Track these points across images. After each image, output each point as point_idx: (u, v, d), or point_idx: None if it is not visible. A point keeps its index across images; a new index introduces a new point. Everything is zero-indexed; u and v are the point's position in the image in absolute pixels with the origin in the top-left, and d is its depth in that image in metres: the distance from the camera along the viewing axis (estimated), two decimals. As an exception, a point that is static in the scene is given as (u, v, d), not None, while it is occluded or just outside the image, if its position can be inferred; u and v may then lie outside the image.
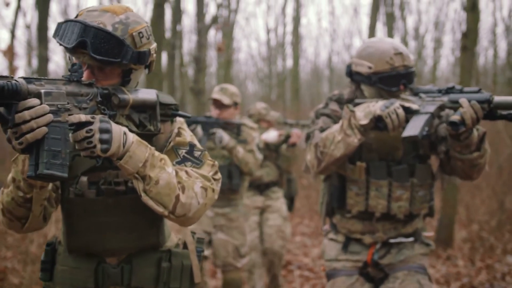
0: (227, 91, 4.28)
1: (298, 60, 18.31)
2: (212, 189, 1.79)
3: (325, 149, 2.59)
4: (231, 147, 4.11)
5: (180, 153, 1.85)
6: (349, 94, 2.80)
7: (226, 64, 15.81)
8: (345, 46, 21.55)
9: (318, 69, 23.61)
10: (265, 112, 5.36)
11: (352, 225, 2.79)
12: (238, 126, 4.26)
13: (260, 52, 23.09)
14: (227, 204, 4.32)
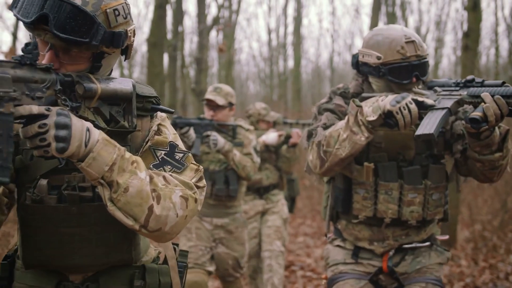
0: (221, 91, 4.03)
1: (300, 60, 18.33)
2: (194, 199, 1.52)
3: (329, 148, 2.35)
4: (226, 151, 3.87)
5: (159, 155, 1.58)
6: (355, 88, 2.57)
7: (227, 64, 15.82)
8: (346, 46, 21.59)
9: (320, 70, 23.63)
10: (265, 112, 5.14)
11: (359, 232, 2.56)
12: (233, 128, 4.06)
13: (262, 53, 23.12)
14: (225, 214, 4.08)
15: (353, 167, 2.48)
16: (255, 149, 4.06)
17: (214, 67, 20.37)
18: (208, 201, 3.96)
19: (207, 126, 3.93)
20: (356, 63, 2.58)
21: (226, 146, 3.86)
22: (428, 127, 2.22)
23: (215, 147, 3.81)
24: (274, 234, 4.91)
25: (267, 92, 21.67)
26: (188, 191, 1.51)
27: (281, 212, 5.01)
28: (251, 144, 4.06)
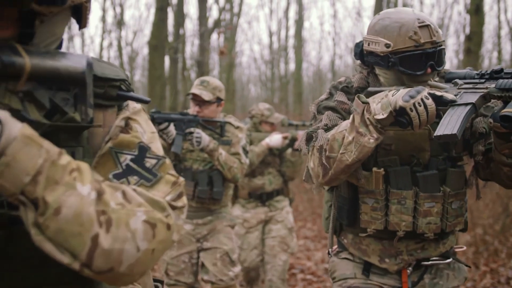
0: (208, 85, 3.68)
1: (301, 63, 18.33)
2: (166, 225, 1.07)
3: (332, 154, 2.01)
4: (211, 149, 3.54)
5: (122, 161, 1.13)
6: (359, 81, 2.23)
7: (228, 67, 15.82)
8: (348, 49, 21.58)
9: (321, 73, 23.64)
10: (269, 113, 4.77)
11: (367, 246, 2.25)
12: (221, 125, 3.70)
13: (263, 56, 23.15)
14: (208, 214, 3.77)
15: (360, 174, 2.14)
16: (244, 149, 3.75)
17: (215, 70, 20.39)
18: (191, 203, 3.70)
19: (191, 122, 3.59)
20: (360, 52, 2.24)
21: (210, 145, 3.54)
22: (450, 127, 1.86)
23: (199, 145, 3.50)
24: (278, 246, 4.67)
25: (268, 95, 21.67)
26: (157, 214, 1.06)
27: (286, 221, 4.74)
28: (240, 143, 3.74)
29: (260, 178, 4.66)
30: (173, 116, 3.56)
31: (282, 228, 4.68)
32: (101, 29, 20.98)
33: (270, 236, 4.67)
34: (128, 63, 21.48)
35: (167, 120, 3.51)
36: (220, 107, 3.77)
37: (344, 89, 2.22)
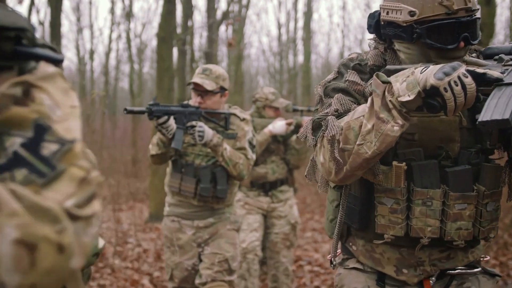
0: (211, 73, 3.37)
1: (310, 55, 18.26)
2: (58, 245, 0.73)
3: (347, 145, 1.65)
4: (215, 144, 3.26)
5: (8, 145, 0.78)
6: (375, 58, 1.87)
7: (237, 59, 15.80)
8: (357, 41, 21.49)
9: (330, 65, 23.54)
10: (273, 97, 4.49)
11: (381, 254, 1.89)
12: (225, 117, 3.43)
13: (271, 47, 23.09)
14: (210, 214, 3.50)
15: (377, 169, 1.77)
16: (250, 143, 3.47)
17: (223, 61, 20.37)
18: (192, 201, 3.45)
19: (192, 115, 3.31)
20: (375, 24, 1.87)
21: (214, 139, 3.26)
22: (499, 111, 1.50)
23: (201, 140, 3.22)
24: (281, 242, 4.52)
25: (276, 87, 21.63)
26: (42, 229, 0.72)
27: (289, 216, 4.55)
28: (246, 136, 3.46)
29: (262, 166, 4.43)
30: (173, 109, 3.24)
31: (285, 224, 4.50)
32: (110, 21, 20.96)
33: (273, 232, 4.51)
34: (137, 55, 21.50)
35: (167, 113, 3.19)
36: (224, 97, 3.47)
37: (356, 68, 1.87)
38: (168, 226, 3.56)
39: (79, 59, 22.23)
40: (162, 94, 8.44)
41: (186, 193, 3.41)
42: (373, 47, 1.94)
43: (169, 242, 3.55)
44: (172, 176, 3.48)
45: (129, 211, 9.77)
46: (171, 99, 8.59)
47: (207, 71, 3.39)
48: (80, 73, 22.21)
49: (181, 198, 3.49)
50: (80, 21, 22.32)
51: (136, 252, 6.56)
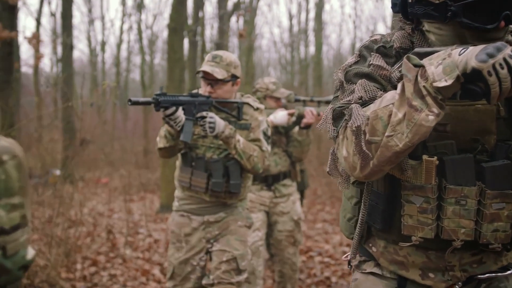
0: (221, 60, 3.15)
1: (321, 46, 18.21)
2: None
3: (375, 137, 1.45)
4: (227, 136, 3.06)
5: None
6: (401, 40, 1.67)
7: (248, 50, 15.79)
8: (368, 32, 21.38)
9: (341, 56, 23.47)
10: (274, 87, 4.30)
11: (405, 257, 1.70)
12: (238, 107, 3.22)
13: (283, 39, 23.05)
14: (222, 209, 3.30)
15: (405, 163, 1.57)
16: (265, 134, 3.25)
17: (234, 53, 20.36)
18: (203, 196, 3.24)
19: (202, 105, 3.11)
20: (401, 2, 1.66)
21: (226, 131, 3.06)
22: None
23: (212, 132, 3.03)
24: (285, 240, 4.32)
25: (288, 78, 21.63)
26: None
27: (292, 212, 4.33)
28: (260, 127, 3.25)
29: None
30: (182, 99, 3.02)
31: (288, 220, 4.30)
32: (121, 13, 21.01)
33: (276, 229, 4.32)
34: (148, 46, 21.54)
35: (175, 104, 2.97)
36: (236, 86, 3.25)
37: (380, 50, 1.66)
38: (176, 221, 3.35)
39: (91, 51, 22.32)
40: (173, 85, 8.46)
41: (197, 188, 3.19)
42: (398, 27, 1.73)
43: (175, 238, 3.33)
44: (182, 170, 3.26)
45: (140, 201, 9.84)
46: (182, 90, 8.62)
47: (217, 58, 3.16)
48: (91, 64, 22.32)
49: (191, 193, 3.27)
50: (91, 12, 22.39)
51: (147, 242, 6.61)
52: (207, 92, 3.16)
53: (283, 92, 4.35)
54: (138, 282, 5.04)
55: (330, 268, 5.52)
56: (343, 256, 1.93)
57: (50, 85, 12.90)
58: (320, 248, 6.37)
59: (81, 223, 5.68)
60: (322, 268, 5.52)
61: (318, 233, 7.39)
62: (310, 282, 5.01)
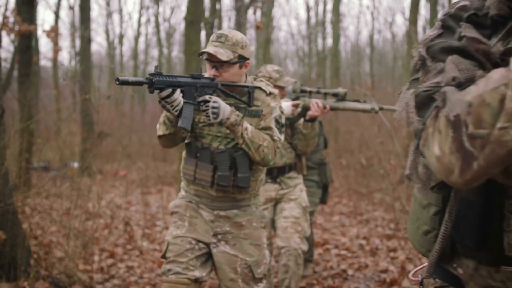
0: (227, 40, 2.79)
1: (339, 38, 18.08)
2: None
3: (480, 130, 1.05)
4: (232, 123, 2.73)
5: None
6: (498, 6, 1.28)
7: (265, 43, 15.74)
8: (387, 24, 21.18)
9: (359, 48, 23.30)
10: (277, 75, 3.98)
11: (504, 283, 1.33)
12: (249, 92, 2.87)
13: (300, 31, 22.94)
14: (233, 206, 2.98)
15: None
16: (277, 122, 2.90)
17: (252, 45, 20.33)
18: (210, 191, 2.93)
19: (206, 88, 2.78)
20: None
21: (232, 117, 2.74)
22: None
23: (216, 118, 2.70)
24: (291, 227, 3.99)
25: (305, 70, 21.54)
26: None
27: (300, 199, 4.09)
28: (272, 113, 2.90)
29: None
30: (181, 80, 2.68)
31: (296, 207, 4.04)
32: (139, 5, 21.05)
33: (282, 216, 4.02)
34: (166, 39, 21.60)
35: (172, 86, 2.63)
36: (245, 68, 2.88)
37: (472, 19, 1.31)
38: (183, 203, 3.01)
39: (109, 44, 22.42)
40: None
41: (202, 181, 2.89)
42: None
43: (178, 216, 2.98)
44: (186, 161, 2.97)
45: (158, 194, 9.89)
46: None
47: (222, 37, 2.79)
48: (109, 57, 22.42)
49: (197, 187, 2.97)
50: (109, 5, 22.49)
51: (164, 235, 6.64)
52: (212, 75, 2.81)
53: (287, 81, 4.03)
54: (154, 274, 5.07)
55: (346, 261, 5.49)
56: (410, 274, 1.58)
57: (68, 78, 12.98)
58: (336, 241, 6.35)
59: (98, 215, 5.72)
60: (339, 261, 5.50)
61: (335, 225, 7.37)
62: (327, 275, 4.99)
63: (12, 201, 4.06)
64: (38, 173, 7.64)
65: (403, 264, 5.19)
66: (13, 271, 4.01)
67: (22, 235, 4.11)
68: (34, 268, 4.14)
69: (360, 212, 8.30)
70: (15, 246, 4.03)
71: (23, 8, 8.16)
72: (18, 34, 7.88)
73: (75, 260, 4.64)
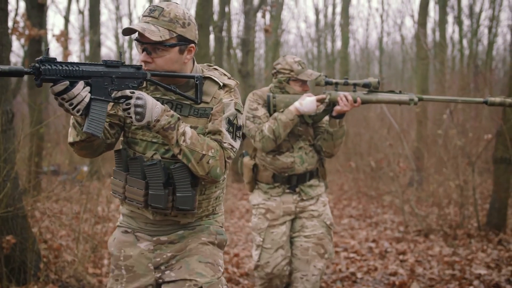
0: (161, 15, 2.11)
1: (348, 41, 18.05)
2: None
3: None
4: (164, 127, 2.05)
5: None
6: None
7: (274, 46, 15.75)
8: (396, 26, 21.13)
9: (368, 50, 23.24)
10: (300, 68, 3.46)
11: None
12: (197, 83, 2.17)
13: (309, 34, 22.93)
14: (178, 228, 2.30)
15: None
16: (230, 124, 2.20)
17: (261, 48, 20.35)
18: (146, 213, 2.27)
19: (128, 80, 2.05)
20: None
21: (163, 119, 2.04)
22: None
23: (141, 120, 2.00)
24: (314, 249, 3.46)
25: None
26: None
27: (324, 215, 3.53)
28: (225, 111, 2.20)
29: (288, 155, 3.47)
30: (85, 69, 1.94)
31: (319, 225, 3.49)
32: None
33: (303, 235, 3.48)
34: (175, 42, 21.66)
35: (70, 77, 1.90)
36: (188, 54, 2.18)
37: None
38: (118, 240, 2.38)
39: (118, 48, 22.54)
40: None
41: (133, 201, 2.24)
42: None
43: (114, 263, 2.35)
44: (115, 174, 2.33)
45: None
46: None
47: (156, 11, 2.12)
48: (119, 61, 22.52)
49: (131, 208, 2.34)
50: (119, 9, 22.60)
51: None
52: (142, 62, 2.14)
53: (311, 74, 3.47)
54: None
55: (355, 264, 5.47)
56: None
57: (79, 82, 13.05)
58: (346, 244, 6.33)
59: (108, 219, 5.74)
60: (348, 264, 5.48)
61: (344, 228, 7.35)
62: (336, 278, 4.98)
63: (22, 205, 4.09)
64: (48, 177, 7.69)
65: (412, 267, 5.17)
66: (23, 275, 4.03)
67: (32, 239, 4.13)
68: (43, 272, 4.16)
69: (369, 214, 8.27)
70: (25, 250, 4.06)
71: (33, 12, 8.23)
72: (28, 38, 7.95)
73: (84, 263, 4.65)
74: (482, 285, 4.54)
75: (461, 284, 4.58)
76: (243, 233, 7.08)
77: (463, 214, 6.71)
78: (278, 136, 3.35)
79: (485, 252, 5.65)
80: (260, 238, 3.54)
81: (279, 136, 3.35)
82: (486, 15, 17.22)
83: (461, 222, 6.69)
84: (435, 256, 5.62)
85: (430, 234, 6.60)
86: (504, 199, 6.39)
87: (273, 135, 3.35)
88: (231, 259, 5.58)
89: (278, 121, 3.34)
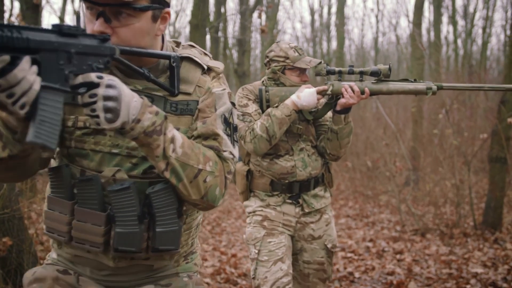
0: None
1: (343, 41, 18.07)
2: None
3: None
4: (146, 130, 1.39)
5: None
6: None
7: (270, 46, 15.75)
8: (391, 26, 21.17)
9: (364, 50, 23.28)
10: (296, 55, 2.86)
11: None
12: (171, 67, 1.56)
13: (305, 34, 22.95)
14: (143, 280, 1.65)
15: None
16: (227, 123, 1.62)
17: (257, 48, 20.35)
18: (103, 259, 1.59)
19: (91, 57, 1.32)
20: None
21: (146, 118, 1.38)
22: None
23: (114, 121, 1.32)
24: (315, 275, 3.03)
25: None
26: None
27: (325, 236, 3.01)
28: (220, 106, 1.61)
29: (288, 158, 2.91)
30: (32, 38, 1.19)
31: (319, 248, 3.00)
32: (144, 10, 21.11)
33: (302, 259, 3.02)
34: (171, 43, 21.64)
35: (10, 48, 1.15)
36: (162, 24, 1.55)
37: None
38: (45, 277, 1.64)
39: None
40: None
41: (86, 244, 1.53)
42: None
43: None
44: (51, 203, 1.58)
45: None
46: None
47: None
48: (115, 62, 22.51)
49: (77, 252, 1.62)
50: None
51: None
52: (98, 32, 1.44)
53: (310, 62, 2.86)
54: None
55: (353, 264, 5.48)
56: None
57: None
58: (343, 244, 6.33)
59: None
60: (345, 264, 5.48)
61: (341, 228, 7.35)
62: (333, 278, 4.98)
63: (18, 207, 4.08)
64: (44, 178, 7.67)
65: (409, 266, 5.17)
66: (19, 277, 4.02)
67: (29, 241, 4.12)
68: (40, 273, 4.15)
69: (366, 214, 8.28)
70: (21, 252, 4.04)
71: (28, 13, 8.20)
72: (23, 40, 7.90)
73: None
74: (479, 283, 4.55)
75: (458, 283, 4.59)
76: (240, 233, 7.08)
77: (459, 213, 6.72)
78: (273, 135, 2.75)
79: (482, 251, 5.66)
80: (255, 250, 2.90)
81: (273, 135, 2.75)
82: (480, 15, 17.32)
83: (457, 221, 6.70)
84: (432, 255, 5.64)
85: (427, 233, 6.62)
86: (499, 198, 6.41)
87: (267, 134, 2.75)
88: (228, 259, 5.58)
89: (272, 117, 2.75)
